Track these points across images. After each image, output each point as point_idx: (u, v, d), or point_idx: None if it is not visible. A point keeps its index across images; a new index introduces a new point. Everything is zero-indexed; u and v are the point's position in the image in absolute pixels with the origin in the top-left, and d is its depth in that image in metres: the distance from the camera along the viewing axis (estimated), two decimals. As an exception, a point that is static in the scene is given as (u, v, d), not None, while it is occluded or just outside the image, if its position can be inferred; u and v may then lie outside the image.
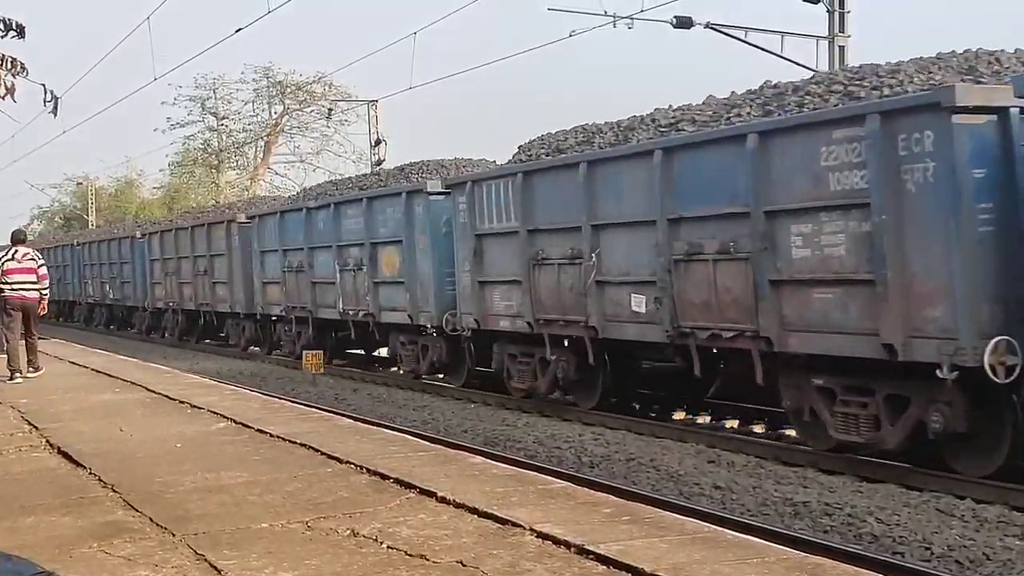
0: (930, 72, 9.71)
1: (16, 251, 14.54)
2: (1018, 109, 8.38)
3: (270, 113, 56.89)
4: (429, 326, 16.49)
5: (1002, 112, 8.39)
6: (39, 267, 14.61)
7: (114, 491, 6.67)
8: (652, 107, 13.31)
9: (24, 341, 14.42)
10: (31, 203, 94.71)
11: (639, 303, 11.94)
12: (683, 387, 13.10)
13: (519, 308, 14.06)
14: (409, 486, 6.48)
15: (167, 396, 11.73)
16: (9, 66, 8.46)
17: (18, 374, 13.96)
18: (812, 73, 18.81)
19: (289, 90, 55.09)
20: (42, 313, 14.98)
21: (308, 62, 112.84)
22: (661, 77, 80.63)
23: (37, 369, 14.60)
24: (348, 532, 5.46)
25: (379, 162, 36.78)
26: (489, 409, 14.72)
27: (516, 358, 14.75)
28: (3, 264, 14.42)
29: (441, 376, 17.66)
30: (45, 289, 14.76)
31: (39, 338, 15.16)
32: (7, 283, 14.35)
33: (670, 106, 13.14)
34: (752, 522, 7.76)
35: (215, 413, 10.17)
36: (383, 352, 20.98)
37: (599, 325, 12.57)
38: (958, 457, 9.16)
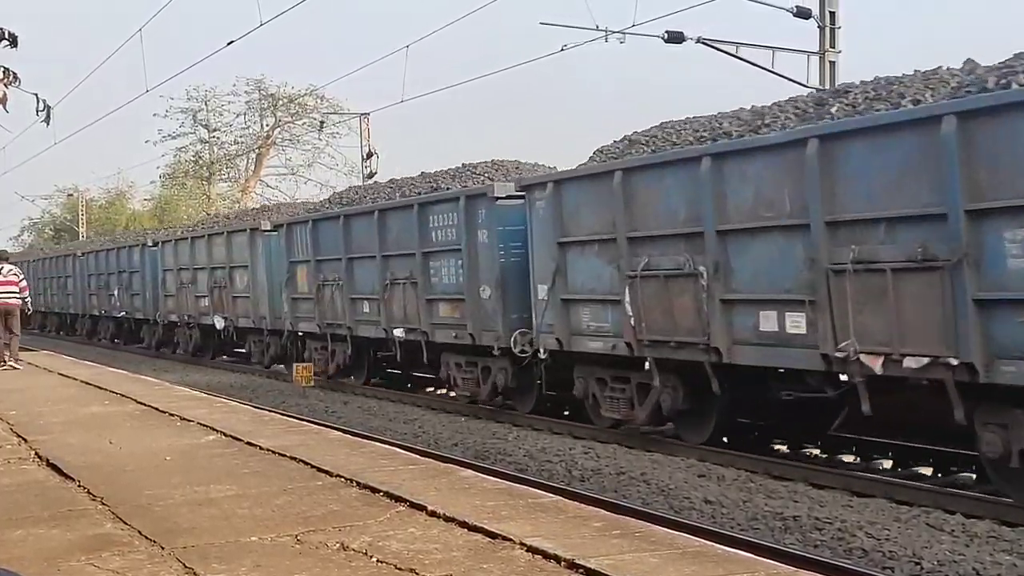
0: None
1: (2, 268, 18.36)
2: None
3: (262, 125, 57.02)
4: None
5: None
6: (20, 281, 18.61)
7: (103, 504, 6.64)
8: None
9: (9, 339, 18.31)
10: (21, 214, 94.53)
11: None
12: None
13: None
14: (399, 500, 6.46)
15: (157, 408, 11.69)
16: (1, 75, 8.45)
17: (12, 362, 17.98)
18: (805, 88, 18.89)
19: (281, 102, 55.20)
20: (29, 312, 19.90)
21: (300, 75, 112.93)
22: (654, 88, 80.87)
23: (18, 360, 18.29)
24: (338, 546, 5.44)
25: (371, 174, 36.82)
26: (479, 423, 14.70)
27: None
28: None
29: None
30: (27, 297, 19.08)
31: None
32: None
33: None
34: (742, 536, 7.76)
35: (205, 426, 10.15)
36: None
37: None
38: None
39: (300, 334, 20.54)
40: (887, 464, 11.13)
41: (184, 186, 59.36)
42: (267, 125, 56.82)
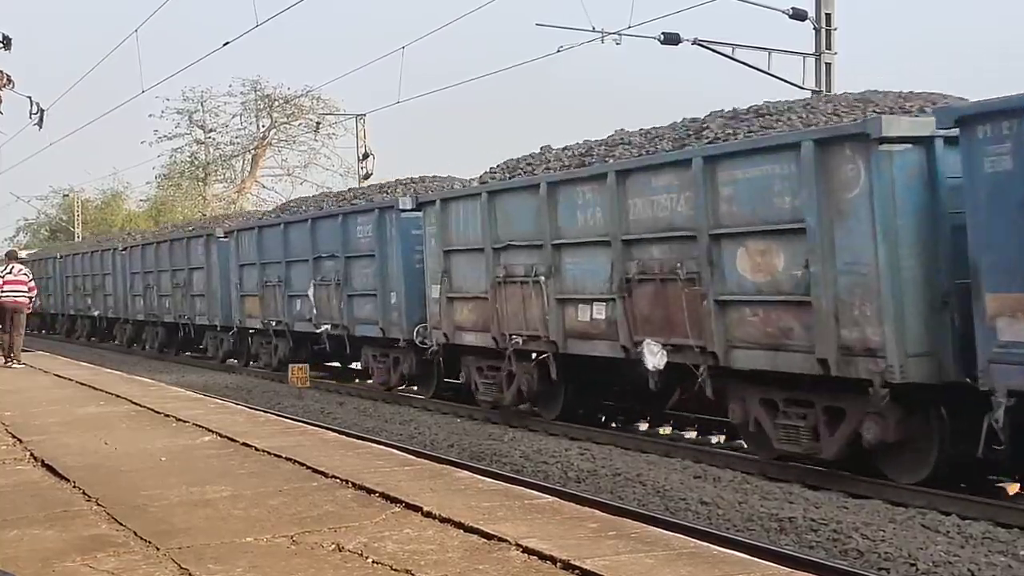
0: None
1: (12, 267, 19.02)
2: None
3: (257, 126, 56.95)
4: None
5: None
6: (29, 281, 19.16)
7: (98, 504, 6.64)
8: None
9: (12, 338, 18.68)
10: (17, 215, 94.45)
11: None
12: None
13: None
14: (395, 501, 6.46)
15: (152, 409, 11.68)
16: (-5, 79, 8.47)
17: (12, 361, 18.44)
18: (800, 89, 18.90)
19: (277, 103, 55.16)
20: (28, 312, 19.74)
21: (296, 75, 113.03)
22: (649, 90, 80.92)
23: (18, 360, 18.66)
24: (333, 547, 5.44)
25: (367, 175, 36.83)
26: (475, 424, 14.69)
27: None
28: (3, 277, 18.67)
29: None
30: (34, 296, 19.59)
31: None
32: (4, 292, 18.59)
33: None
34: (738, 537, 7.76)
35: (200, 426, 10.14)
36: None
37: None
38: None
39: None
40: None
41: (180, 187, 59.26)
42: (263, 126, 56.80)
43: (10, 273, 18.77)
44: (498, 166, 15.16)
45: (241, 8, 63.47)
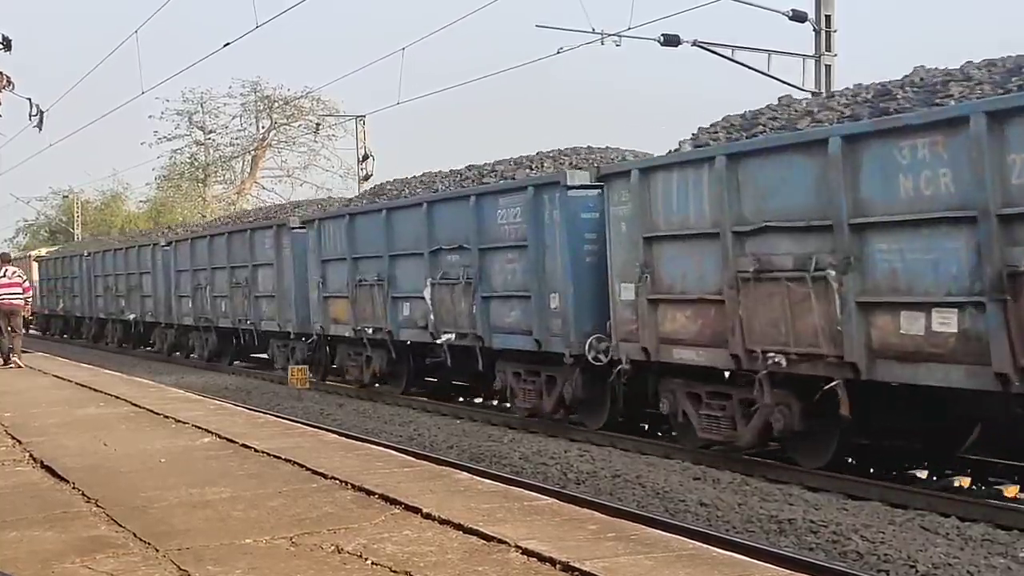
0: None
1: (6, 270, 19.11)
2: None
3: (257, 127, 57.09)
4: None
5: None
6: (24, 282, 19.48)
7: (98, 506, 6.63)
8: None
9: (12, 339, 18.95)
10: (16, 216, 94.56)
11: None
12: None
13: None
14: (394, 502, 6.46)
15: (152, 411, 11.68)
16: (-6, 81, 8.49)
17: (12, 363, 18.66)
18: (801, 91, 18.90)
19: (276, 104, 55.31)
20: (26, 315, 20.29)
21: (296, 77, 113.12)
22: (649, 92, 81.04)
23: (18, 358, 18.83)
24: (333, 548, 5.43)
25: (366, 177, 36.84)
26: (475, 425, 14.70)
27: None
28: None
29: None
30: (29, 297, 20.18)
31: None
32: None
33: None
34: (737, 539, 7.77)
35: (200, 428, 10.13)
36: None
37: None
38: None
39: None
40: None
41: (180, 188, 59.34)
42: (263, 127, 56.93)
43: (4, 276, 19.00)
44: (713, 125, 11.96)
45: (241, 9, 63.62)
